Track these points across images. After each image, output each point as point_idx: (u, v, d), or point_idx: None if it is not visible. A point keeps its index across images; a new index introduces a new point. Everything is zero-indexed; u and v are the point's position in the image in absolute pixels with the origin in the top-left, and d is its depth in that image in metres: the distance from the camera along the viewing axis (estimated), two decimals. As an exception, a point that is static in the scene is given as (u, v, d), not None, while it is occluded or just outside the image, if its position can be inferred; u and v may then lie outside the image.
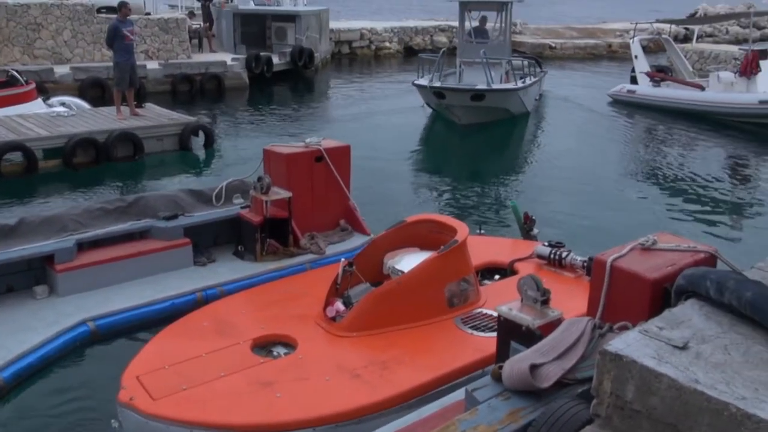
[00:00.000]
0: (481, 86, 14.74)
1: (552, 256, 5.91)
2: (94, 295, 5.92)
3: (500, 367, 3.00)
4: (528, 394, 2.85)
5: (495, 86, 15.03)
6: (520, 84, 15.83)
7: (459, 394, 3.42)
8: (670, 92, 17.67)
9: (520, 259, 6.06)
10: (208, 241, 6.91)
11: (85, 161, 11.04)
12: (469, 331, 4.89)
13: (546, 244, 6.14)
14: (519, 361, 2.95)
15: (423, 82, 15.30)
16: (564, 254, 5.88)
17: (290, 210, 6.69)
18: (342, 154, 7.24)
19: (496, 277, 6.00)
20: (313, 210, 7.03)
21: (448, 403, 3.54)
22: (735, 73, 16.74)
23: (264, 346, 4.80)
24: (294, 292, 5.59)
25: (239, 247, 6.78)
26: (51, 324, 5.48)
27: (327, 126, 15.83)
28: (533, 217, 6.96)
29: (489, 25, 16.87)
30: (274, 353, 4.74)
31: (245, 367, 4.42)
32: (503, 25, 16.58)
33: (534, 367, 2.87)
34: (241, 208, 6.90)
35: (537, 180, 11.86)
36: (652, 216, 9.76)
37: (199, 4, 22.92)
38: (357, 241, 7.13)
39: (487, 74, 14.77)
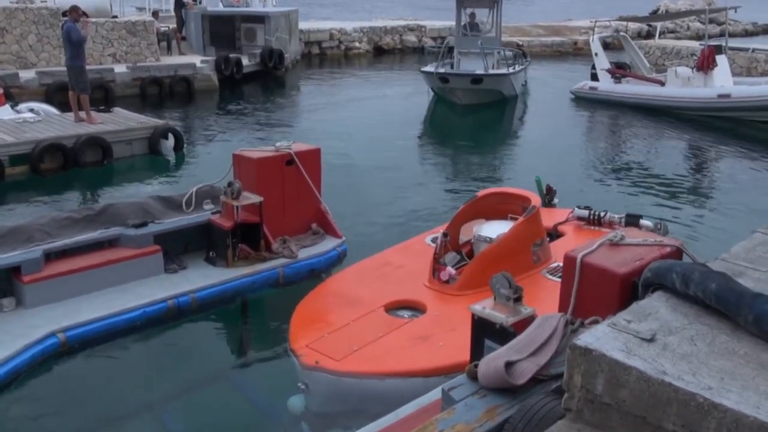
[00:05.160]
0: (480, 71, 17.02)
1: (591, 216, 6.47)
2: (63, 306, 5.81)
3: (475, 366, 2.99)
4: (504, 392, 2.85)
5: (491, 71, 17.39)
6: (511, 70, 18.13)
7: (435, 394, 3.41)
8: (631, 88, 17.92)
9: (561, 223, 6.61)
10: (179, 247, 6.81)
11: (52, 167, 10.81)
12: (558, 280, 5.12)
13: (579, 207, 6.72)
14: (494, 359, 2.95)
15: (429, 69, 17.62)
16: (602, 214, 6.43)
17: (261, 214, 6.64)
18: (313, 157, 7.21)
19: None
20: (285, 214, 6.99)
21: (425, 404, 3.52)
22: (692, 68, 17.07)
23: (394, 310, 5.18)
24: (390, 266, 5.95)
25: (210, 253, 6.71)
26: (19, 337, 5.36)
27: (304, 125, 15.81)
28: (554, 189, 7.47)
29: (479, 20, 19.35)
30: (404, 316, 5.11)
31: (394, 327, 4.82)
32: (495, 19, 18.99)
33: (509, 365, 2.87)
34: (212, 213, 6.82)
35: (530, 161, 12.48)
36: (619, 209, 9.87)
37: (166, 7, 22.57)
38: (329, 244, 7.13)
39: (484, 61, 17.04)
